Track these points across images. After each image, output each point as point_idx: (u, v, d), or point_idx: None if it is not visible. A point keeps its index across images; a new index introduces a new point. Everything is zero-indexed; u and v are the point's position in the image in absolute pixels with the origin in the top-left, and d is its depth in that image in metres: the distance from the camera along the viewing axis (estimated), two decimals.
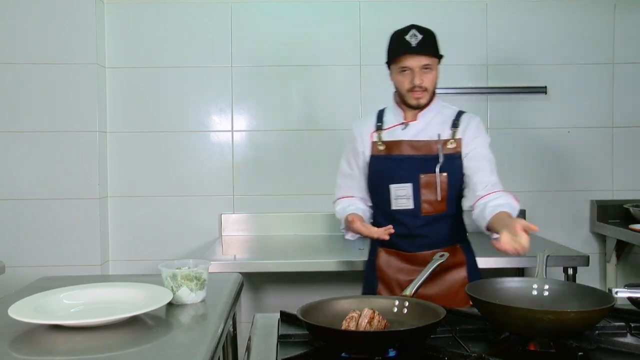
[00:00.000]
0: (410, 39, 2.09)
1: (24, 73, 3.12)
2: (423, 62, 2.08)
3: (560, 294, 1.53)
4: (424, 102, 2.11)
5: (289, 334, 1.44)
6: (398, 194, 2.09)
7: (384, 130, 2.16)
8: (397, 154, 2.10)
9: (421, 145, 2.09)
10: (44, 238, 3.14)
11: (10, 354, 1.27)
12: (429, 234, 2.10)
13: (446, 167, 2.07)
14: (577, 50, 3.38)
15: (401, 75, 2.11)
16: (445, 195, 2.08)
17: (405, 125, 2.14)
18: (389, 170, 2.10)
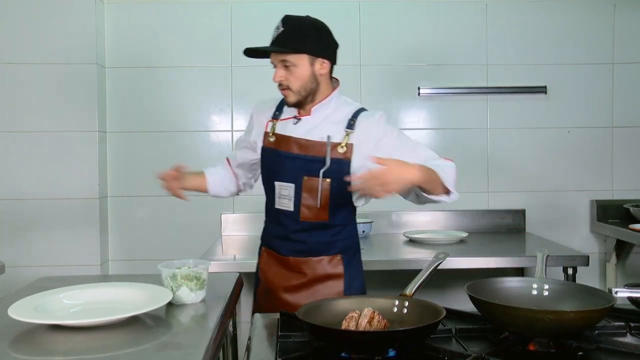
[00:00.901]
0: (274, 32, 1.94)
1: (24, 73, 3.12)
2: (280, 58, 1.90)
3: (560, 294, 1.53)
4: (291, 101, 1.93)
5: (289, 334, 1.44)
6: (281, 192, 1.97)
7: (279, 120, 2.00)
8: (285, 150, 1.95)
9: (309, 145, 1.92)
10: (44, 238, 3.14)
11: (10, 354, 1.26)
12: (306, 240, 1.96)
13: (332, 172, 1.87)
14: (577, 50, 3.38)
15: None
16: (327, 203, 1.92)
17: (298, 120, 1.97)
18: (275, 165, 1.97)
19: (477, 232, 3.28)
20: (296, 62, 1.89)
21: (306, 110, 1.96)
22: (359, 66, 3.35)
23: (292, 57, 1.89)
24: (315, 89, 1.93)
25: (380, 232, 3.29)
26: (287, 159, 1.94)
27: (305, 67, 1.90)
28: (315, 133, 1.93)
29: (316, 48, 1.93)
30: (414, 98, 3.36)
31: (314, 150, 1.91)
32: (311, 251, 1.98)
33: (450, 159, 1.90)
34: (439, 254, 1.75)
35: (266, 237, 2.13)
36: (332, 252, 1.99)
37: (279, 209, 1.99)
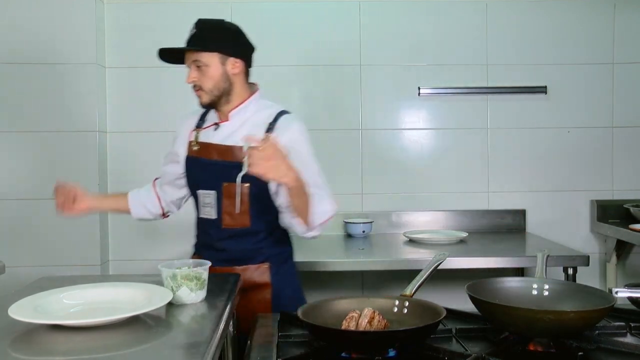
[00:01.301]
0: (187, 35, 1.98)
1: (24, 73, 3.12)
2: (193, 59, 1.93)
3: (560, 294, 1.53)
4: (204, 102, 1.94)
5: (289, 334, 1.44)
6: (204, 201, 1.96)
7: (202, 129, 2.03)
8: (205, 157, 1.96)
9: (227, 151, 1.92)
10: (44, 238, 3.14)
11: (10, 354, 1.26)
12: (230, 248, 1.95)
13: (251, 177, 1.74)
14: (577, 50, 3.38)
15: None
16: (247, 209, 1.90)
17: (217, 126, 1.99)
18: (197, 174, 1.98)
19: (477, 232, 3.28)
20: (208, 62, 1.91)
21: (225, 115, 1.98)
22: (359, 66, 3.35)
23: (203, 56, 1.91)
24: (228, 89, 1.94)
25: (380, 232, 3.29)
26: (208, 165, 1.94)
27: (216, 66, 1.92)
28: (233, 138, 1.93)
29: (227, 47, 1.95)
30: (414, 98, 3.36)
31: (233, 155, 1.90)
32: (235, 260, 1.96)
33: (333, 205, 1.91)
34: (439, 254, 1.75)
35: (197, 247, 2.11)
36: (257, 260, 1.97)
37: (203, 217, 1.97)
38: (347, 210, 3.34)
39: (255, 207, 1.92)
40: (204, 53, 1.92)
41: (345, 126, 3.37)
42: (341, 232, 3.31)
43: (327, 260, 2.71)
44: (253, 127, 1.93)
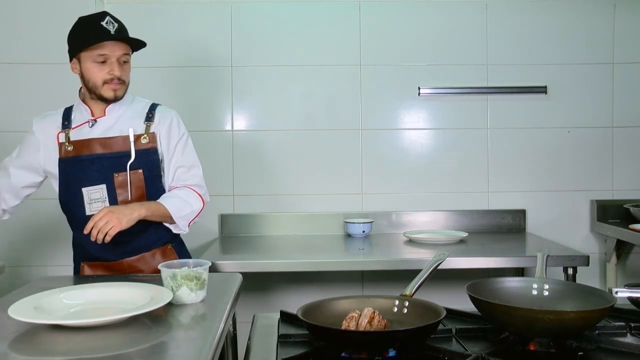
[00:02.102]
0: (107, 26, 1.94)
1: (24, 73, 3.12)
2: (122, 51, 1.96)
3: (560, 294, 1.53)
4: (121, 95, 2.00)
5: (289, 334, 1.44)
6: (92, 197, 1.97)
7: (72, 129, 2.02)
8: (87, 154, 1.97)
9: (111, 142, 1.98)
10: (44, 238, 3.14)
11: (10, 354, 1.27)
12: (132, 238, 1.98)
13: (140, 163, 1.97)
14: (577, 50, 3.38)
15: (97, 64, 1.95)
16: (143, 194, 1.99)
17: (93, 122, 2.02)
18: (80, 172, 1.97)
19: (477, 232, 3.28)
20: (129, 58, 2.02)
21: (101, 111, 2.03)
22: (359, 66, 3.35)
23: (128, 50, 2.00)
24: None
25: (380, 232, 3.29)
26: (91, 161, 1.97)
27: (130, 62, 2.04)
28: (114, 130, 2.00)
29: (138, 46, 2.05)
30: (414, 98, 3.36)
31: (118, 146, 1.98)
32: (141, 248, 2.02)
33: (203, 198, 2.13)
34: (439, 254, 1.75)
35: (82, 251, 2.07)
36: (160, 243, 2.07)
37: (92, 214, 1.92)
38: (347, 210, 3.34)
39: (149, 191, 2.00)
40: (129, 47, 2.00)
41: (345, 126, 3.37)
42: (341, 232, 3.31)
43: (327, 260, 2.71)
44: (132, 118, 2.04)
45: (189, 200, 2.07)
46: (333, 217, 3.33)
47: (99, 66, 1.95)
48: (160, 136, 2.05)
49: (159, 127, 2.05)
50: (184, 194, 2.07)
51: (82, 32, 1.98)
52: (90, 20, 1.97)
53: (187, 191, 2.08)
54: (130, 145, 1.97)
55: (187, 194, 2.08)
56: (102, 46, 1.93)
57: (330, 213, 3.34)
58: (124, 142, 1.97)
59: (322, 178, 3.35)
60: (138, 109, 2.07)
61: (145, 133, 2.01)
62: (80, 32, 1.98)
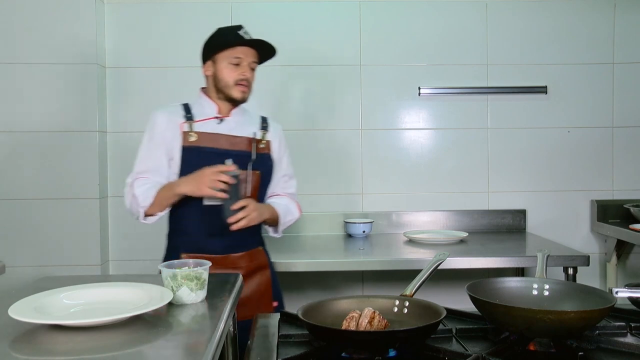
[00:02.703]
0: (244, 35, 2.10)
1: (24, 73, 3.12)
2: (253, 58, 2.13)
3: (560, 294, 1.53)
4: (247, 97, 2.14)
5: (289, 334, 1.44)
6: None
7: (195, 122, 2.12)
8: (211, 146, 2.08)
9: (238, 141, 2.11)
10: (44, 238, 3.14)
11: (10, 354, 1.26)
12: (236, 233, 2.05)
13: (259, 165, 2.12)
14: (577, 50, 3.38)
15: (230, 67, 2.10)
16: (255, 194, 2.11)
17: (221, 120, 2.15)
18: (203, 162, 2.02)
19: (477, 232, 3.28)
20: (256, 66, 2.18)
21: (227, 112, 2.17)
22: (359, 66, 3.35)
23: (258, 60, 2.17)
24: None
25: (380, 232, 3.29)
26: (216, 154, 2.06)
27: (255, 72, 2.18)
28: (239, 130, 2.14)
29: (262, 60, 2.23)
30: (414, 98, 3.37)
31: (242, 145, 2.11)
32: (240, 246, 2.12)
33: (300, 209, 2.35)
34: (439, 254, 1.75)
35: (186, 242, 2.11)
36: (255, 244, 2.19)
37: (209, 205, 2.04)
38: (347, 210, 3.34)
39: (260, 191, 2.15)
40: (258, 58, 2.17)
41: (345, 126, 3.37)
42: (341, 232, 3.31)
43: (327, 260, 2.71)
44: (250, 124, 2.20)
45: (291, 209, 2.29)
46: (333, 217, 3.33)
47: (232, 68, 2.09)
48: (272, 145, 2.21)
49: (273, 137, 2.22)
50: (288, 203, 2.28)
51: (220, 36, 2.13)
52: (228, 29, 2.14)
53: (289, 200, 2.29)
54: (252, 147, 2.12)
55: (290, 202, 2.29)
56: (238, 50, 2.08)
57: (330, 213, 3.34)
58: (248, 143, 2.11)
59: (322, 178, 3.35)
60: (253, 118, 2.23)
61: (263, 139, 2.17)
62: (219, 37, 2.13)
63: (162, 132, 2.11)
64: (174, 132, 2.10)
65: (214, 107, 2.16)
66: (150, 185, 2.08)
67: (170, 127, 2.10)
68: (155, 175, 2.11)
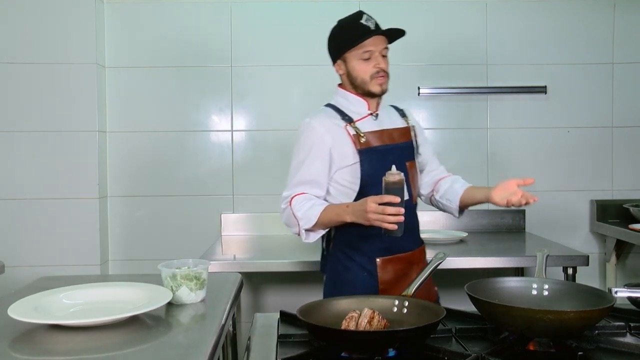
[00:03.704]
0: (367, 24, 1.98)
1: (23, 73, 3.12)
2: (383, 45, 2.00)
3: (560, 294, 1.53)
4: (386, 88, 2.02)
5: (288, 334, 1.44)
6: None
7: (355, 122, 2.01)
8: (379, 144, 1.99)
9: (395, 134, 2.05)
10: (44, 238, 3.14)
11: (10, 354, 1.27)
12: (416, 225, 2.08)
13: (415, 153, 2.11)
14: (577, 50, 3.38)
15: (362, 61, 1.98)
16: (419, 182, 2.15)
17: (376, 116, 2.06)
18: (381, 161, 1.95)
19: (477, 232, 3.28)
20: (388, 51, 2.03)
21: (374, 106, 2.07)
22: None
23: (387, 44, 2.02)
24: None
25: None
26: (387, 151, 2.00)
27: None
28: (392, 123, 2.08)
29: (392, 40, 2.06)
30: (414, 98, 3.36)
31: (403, 136, 2.06)
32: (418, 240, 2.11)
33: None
34: (438, 254, 1.75)
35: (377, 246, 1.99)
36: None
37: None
38: None
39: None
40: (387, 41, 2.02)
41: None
42: None
43: None
44: (392, 115, 2.12)
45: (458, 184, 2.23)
46: None
47: (365, 63, 1.98)
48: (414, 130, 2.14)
49: (412, 121, 2.15)
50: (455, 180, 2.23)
51: (345, 34, 2.01)
52: (350, 21, 2.01)
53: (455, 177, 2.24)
54: (411, 136, 2.08)
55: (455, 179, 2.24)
56: (366, 43, 1.96)
57: None
58: (407, 133, 2.08)
59: None
60: (391, 108, 2.16)
61: (409, 126, 2.11)
62: (343, 34, 2.02)
63: (322, 140, 1.98)
64: (339, 137, 1.98)
65: (364, 104, 2.04)
66: (311, 204, 1.96)
67: (332, 134, 1.98)
68: (314, 187, 2.00)
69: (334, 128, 2.00)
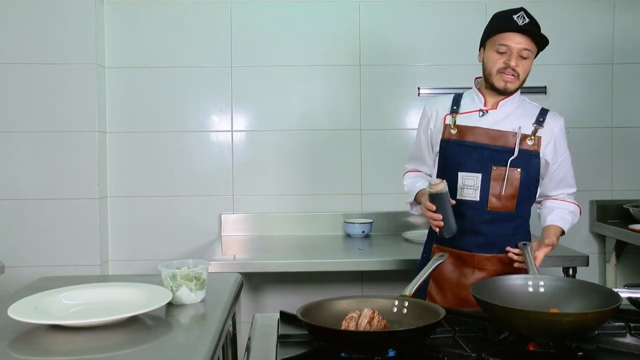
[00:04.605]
0: (517, 19, 1.98)
1: (23, 73, 3.12)
2: (523, 45, 1.96)
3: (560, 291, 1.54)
4: (511, 88, 1.99)
5: (288, 334, 1.44)
6: (465, 183, 1.99)
7: (459, 114, 2.05)
8: (470, 140, 2.00)
9: (498, 135, 1.98)
10: (44, 238, 3.14)
11: (10, 354, 1.27)
12: (490, 232, 1.99)
13: (521, 162, 1.97)
14: (577, 50, 3.38)
15: (496, 54, 1.98)
16: (516, 194, 1.98)
17: (484, 113, 2.03)
18: (459, 156, 2.00)
19: None
20: (531, 55, 1.99)
21: (492, 104, 2.04)
22: (358, 66, 3.35)
23: (532, 47, 1.97)
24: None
25: (380, 233, 3.29)
26: (474, 149, 1.98)
27: (532, 60, 2.01)
28: (504, 124, 2.00)
29: (543, 46, 2.02)
30: (414, 98, 3.36)
31: (503, 140, 1.98)
32: (493, 245, 2.00)
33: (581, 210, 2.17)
34: (438, 255, 1.75)
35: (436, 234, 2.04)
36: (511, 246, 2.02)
37: (461, 199, 1.98)
38: (347, 210, 3.34)
39: (522, 192, 1.99)
40: (534, 46, 1.98)
41: (345, 126, 3.37)
42: (341, 232, 3.31)
43: (326, 261, 2.71)
44: (522, 117, 2.02)
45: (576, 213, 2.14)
46: (333, 218, 3.33)
47: (498, 55, 1.97)
48: (545, 142, 2.01)
49: (546, 134, 2.01)
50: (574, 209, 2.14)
51: (492, 22, 2.02)
52: (504, 13, 2.01)
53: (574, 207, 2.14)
54: (516, 142, 1.97)
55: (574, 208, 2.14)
56: (505, 36, 1.95)
57: (329, 213, 3.34)
58: (510, 138, 1.98)
59: (322, 178, 3.35)
60: (529, 110, 2.06)
61: (532, 135, 1.99)
62: (491, 22, 2.03)
63: (427, 123, 2.12)
64: (438, 124, 2.08)
65: (481, 99, 2.06)
66: (414, 181, 2.17)
67: (436, 119, 2.10)
68: (420, 164, 2.21)
69: (439, 116, 2.09)
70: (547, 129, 2.01)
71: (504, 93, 2.01)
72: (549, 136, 2.01)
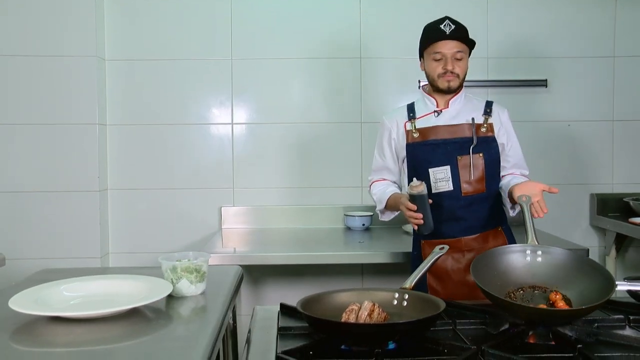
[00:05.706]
0: (444, 28, 2.20)
1: (23, 65, 3.11)
2: (455, 49, 2.18)
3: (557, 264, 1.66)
4: (454, 86, 2.20)
5: (288, 327, 1.44)
6: (437, 177, 2.18)
7: (417, 119, 2.26)
8: (433, 139, 2.20)
9: (455, 129, 2.20)
10: (44, 230, 3.14)
11: (11, 346, 1.27)
12: (469, 216, 2.17)
13: (481, 148, 2.18)
14: (578, 44, 3.37)
15: (434, 61, 2.20)
16: (483, 176, 2.18)
17: (439, 113, 2.24)
18: (426, 155, 2.20)
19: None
20: (464, 55, 2.22)
21: (444, 104, 2.26)
22: (359, 59, 3.35)
23: (464, 48, 2.21)
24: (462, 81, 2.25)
25: (379, 226, 3.28)
26: (438, 145, 2.20)
27: (466, 59, 2.25)
28: (459, 118, 2.23)
29: (473, 45, 2.26)
30: (414, 91, 3.35)
31: (461, 132, 2.20)
32: (474, 227, 2.18)
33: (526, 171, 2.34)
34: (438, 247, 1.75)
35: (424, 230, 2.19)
36: (492, 225, 2.22)
37: (437, 192, 2.17)
38: (347, 203, 3.34)
39: (488, 172, 2.20)
40: (465, 46, 2.23)
41: (345, 119, 3.37)
42: (341, 225, 3.31)
43: (326, 253, 2.71)
44: (471, 110, 2.25)
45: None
46: (333, 210, 3.33)
47: (436, 63, 2.19)
48: (497, 127, 2.24)
49: (495, 119, 2.24)
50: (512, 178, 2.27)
51: (424, 35, 2.26)
52: (432, 24, 2.24)
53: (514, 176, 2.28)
54: (472, 132, 2.19)
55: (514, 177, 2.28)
56: (437, 45, 2.18)
57: (330, 206, 3.34)
58: (468, 129, 2.20)
59: (322, 171, 3.35)
60: (476, 104, 2.28)
61: (484, 123, 2.22)
62: (423, 35, 2.26)
63: (389, 135, 2.30)
64: (400, 132, 2.27)
65: (432, 102, 2.27)
66: (383, 188, 2.32)
67: (397, 128, 2.28)
68: (388, 174, 2.36)
69: (399, 126, 2.29)
70: (495, 117, 2.25)
71: (450, 92, 2.22)
72: (498, 122, 2.25)
